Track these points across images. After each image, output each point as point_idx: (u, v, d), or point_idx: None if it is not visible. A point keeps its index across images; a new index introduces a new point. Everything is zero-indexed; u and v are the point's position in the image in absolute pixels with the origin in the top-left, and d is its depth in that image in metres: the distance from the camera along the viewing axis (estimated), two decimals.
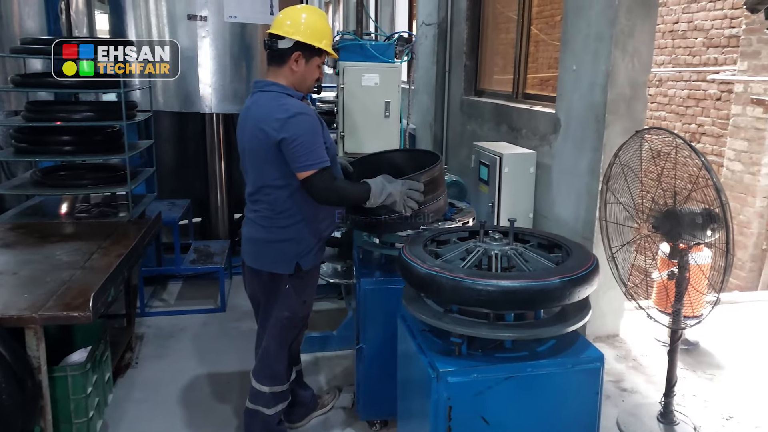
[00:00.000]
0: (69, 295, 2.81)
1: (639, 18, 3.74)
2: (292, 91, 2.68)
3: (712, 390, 3.61)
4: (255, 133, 2.62)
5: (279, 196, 2.69)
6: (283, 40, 2.63)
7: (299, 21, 2.66)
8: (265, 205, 2.73)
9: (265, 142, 2.58)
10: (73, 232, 3.92)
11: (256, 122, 2.62)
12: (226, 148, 5.84)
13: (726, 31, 6.73)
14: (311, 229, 2.78)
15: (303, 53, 2.65)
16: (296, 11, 2.74)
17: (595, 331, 4.17)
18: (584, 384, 2.19)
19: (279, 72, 2.68)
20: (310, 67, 2.70)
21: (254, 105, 2.68)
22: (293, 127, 2.52)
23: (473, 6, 6.47)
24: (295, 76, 2.68)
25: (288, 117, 2.54)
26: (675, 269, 2.99)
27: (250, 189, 2.77)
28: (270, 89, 2.66)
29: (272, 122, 2.55)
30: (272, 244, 2.76)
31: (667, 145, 2.82)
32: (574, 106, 4.18)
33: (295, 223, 2.74)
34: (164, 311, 4.84)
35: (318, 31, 2.67)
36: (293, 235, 2.75)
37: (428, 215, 2.85)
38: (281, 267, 2.78)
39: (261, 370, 2.94)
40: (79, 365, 2.96)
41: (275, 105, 2.60)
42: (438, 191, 2.87)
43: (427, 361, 2.17)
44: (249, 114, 2.70)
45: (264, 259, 2.81)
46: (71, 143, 4.19)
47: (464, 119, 6.51)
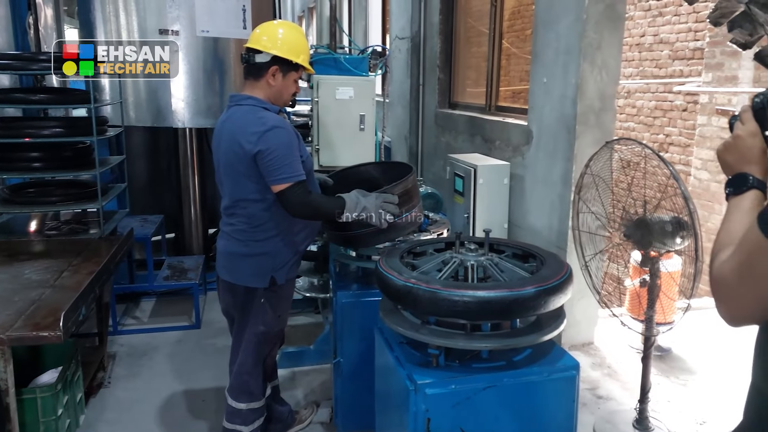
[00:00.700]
0: (38, 314, 2.76)
1: (606, 31, 3.81)
2: (268, 105, 2.69)
3: (686, 395, 3.66)
4: (231, 146, 2.61)
5: (255, 210, 2.68)
6: (261, 54, 2.65)
7: (276, 36, 2.68)
8: (241, 218, 2.72)
9: (242, 155, 2.57)
10: (42, 250, 3.85)
11: (232, 135, 2.62)
12: (199, 162, 5.80)
13: (690, 44, 6.90)
14: (287, 242, 2.77)
15: (280, 67, 2.67)
16: (273, 26, 2.76)
17: (571, 339, 4.20)
18: (561, 392, 2.21)
19: (256, 86, 2.69)
20: (287, 81, 2.72)
21: (230, 118, 2.68)
22: (269, 140, 2.53)
23: (446, 20, 6.55)
24: (272, 90, 2.70)
25: (264, 130, 2.54)
26: (647, 277, 3.04)
27: (226, 202, 2.76)
28: (246, 103, 2.67)
29: (249, 135, 2.55)
30: (248, 257, 2.75)
31: (636, 155, 2.88)
32: (546, 118, 4.24)
33: (272, 237, 2.73)
34: (137, 329, 4.77)
35: (295, 46, 2.69)
36: (269, 249, 2.74)
37: (404, 227, 2.86)
38: (256, 281, 2.75)
39: (237, 386, 2.90)
40: (50, 386, 2.91)
41: (252, 118, 2.60)
42: (413, 202, 2.88)
43: (405, 373, 2.17)
44: (225, 127, 2.70)
45: (239, 273, 2.78)
46: (40, 159, 4.12)
47: (439, 131, 6.56)
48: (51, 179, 4.49)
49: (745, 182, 1.26)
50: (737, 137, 1.29)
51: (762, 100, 1.26)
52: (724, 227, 1.24)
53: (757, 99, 1.27)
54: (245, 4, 5.16)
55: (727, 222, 1.24)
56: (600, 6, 3.76)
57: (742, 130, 1.28)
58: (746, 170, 1.27)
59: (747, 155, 1.27)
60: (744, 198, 1.25)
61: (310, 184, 2.72)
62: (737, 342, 4.39)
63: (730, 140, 1.31)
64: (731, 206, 1.27)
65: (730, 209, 1.27)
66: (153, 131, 6.02)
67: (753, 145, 1.26)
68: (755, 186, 1.25)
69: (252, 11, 5.20)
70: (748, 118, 1.28)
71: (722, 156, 1.33)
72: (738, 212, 1.24)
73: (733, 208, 1.26)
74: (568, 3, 3.93)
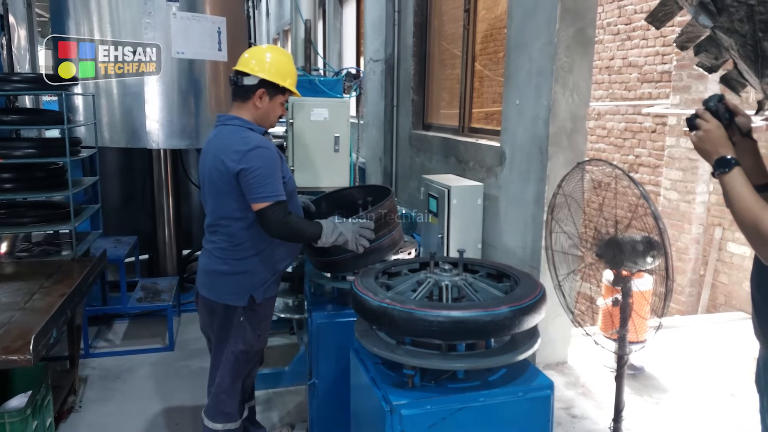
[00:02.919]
0: (8, 337, 2.71)
1: (577, 55, 3.90)
2: (254, 126, 2.74)
3: (659, 413, 3.71)
4: (215, 165, 2.65)
5: (236, 229, 2.71)
6: (249, 77, 2.70)
7: (264, 60, 2.74)
8: (222, 236, 2.75)
9: (225, 174, 2.61)
10: (13, 272, 3.79)
11: (216, 153, 2.66)
12: (174, 183, 5.77)
13: (659, 66, 7.07)
14: (266, 262, 2.79)
15: (267, 90, 2.72)
16: (262, 50, 2.84)
17: (545, 358, 4.23)
18: (535, 412, 2.22)
19: (243, 107, 2.74)
20: (274, 104, 2.77)
21: (216, 137, 2.74)
22: (251, 160, 2.57)
23: (419, 43, 6.64)
24: (259, 112, 2.75)
25: (248, 149, 2.59)
26: (619, 296, 3.07)
27: (209, 220, 2.79)
28: (232, 123, 2.72)
29: (232, 154, 2.59)
30: (227, 276, 2.76)
31: (607, 176, 2.93)
32: (519, 139, 4.31)
33: (251, 255, 2.75)
34: (110, 352, 4.70)
35: (283, 70, 2.75)
36: (248, 268, 2.76)
37: (382, 251, 2.89)
38: (235, 299, 2.76)
39: (214, 407, 2.88)
40: (18, 411, 2.84)
41: (236, 137, 2.65)
42: (390, 226, 2.92)
43: (381, 394, 2.17)
44: (210, 146, 2.75)
45: (219, 291, 2.79)
46: (12, 180, 4.07)
47: (413, 152, 6.61)
48: (23, 200, 4.42)
49: (728, 163, 1.69)
50: (708, 131, 1.75)
51: (712, 104, 1.78)
52: (741, 201, 1.64)
53: (710, 103, 1.79)
54: (220, 26, 5.19)
55: (739, 196, 1.65)
56: (571, 30, 3.86)
57: (708, 125, 1.76)
58: (722, 153, 1.71)
59: (718, 142, 1.74)
60: (734, 175, 1.68)
61: (291, 205, 2.76)
62: (708, 360, 4.46)
63: (701, 133, 1.77)
64: (729, 184, 1.68)
65: (730, 186, 1.68)
66: (127, 152, 5.98)
67: (720, 134, 1.75)
68: (737, 164, 1.69)
69: (227, 33, 5.22)
70: (708, 117, 1.77)
71: (700, 146, 1.78)
72: (739, 186, 1.66)
73: (732, 185, 1.67)
74: (539, 27, 4.01)
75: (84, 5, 4.86)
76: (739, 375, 4.10)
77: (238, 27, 5.52)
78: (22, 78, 4.37)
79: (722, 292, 6.26)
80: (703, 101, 1.83)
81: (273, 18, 17.82)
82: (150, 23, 4.87)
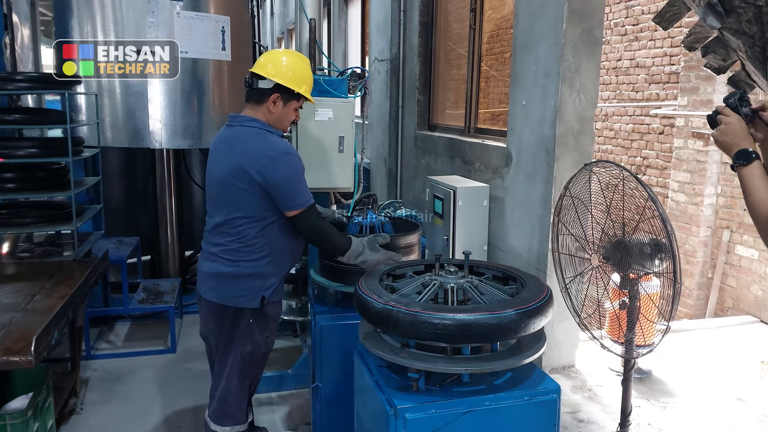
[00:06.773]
0: (9, 339, 2.68)
1: (584, 55, 3.86)
2: (272, 129, 2.73)
3: (666, 418, 3.66)
4: (238, 167, 2.62)
5: (250, 230, 2.68)
6: (264, 80, 2.68)
7: (281, 64, 2.72)
8: (232, 237, 2.71)
9: (248, 177, 2.59)
10: (14, 273, 3.77)
11: (240, 157, 2.63)
12: (176, 184, 5.75)
13: (666, 68, 7.02)
14: (277, 264, 2.78)
15: (282, 95, 2.71)
16: (278, 54, 2.84)
17: (551, 362, 4.19)
18: (541, 416, 2.18)
19: (257, 109, 2.72)
20: (288, 109, 2.76)
21: (236, 139, 2.70)
22: (282, 168, 2.59)
23: (425, 43, 6.60)
24: (272, 116, 2.73)
25: (277, 155, 2.60)
26: (626, 299, 3.04)
27: (218, 220, 2.74)
28: (251, 125, 2.70)
29: (262, 159, 2.59)
30: (237, 278, 2.73)
31: (614, 178, 2.89)
32: (525, 140, 4.27)
33: (263, 257, 2.73)
34: (111, 353, 4.67)
35: (299, 75, 2.74)
36: (260, 270, 2.74)
37: None
38: (246, 301, 2.74)
39: (221, 410, 2.85)
40: (20, 413, 2.82)
41: (261, 141, 2.65)
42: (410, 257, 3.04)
43: (385, 397, 2.13)
44: (231, 146, 2.70)
45: (227, 294, 2.75)
46: (14, 180, 4.05)
47: (418, 153, 6.57)
48: (25, 200, 4.40)
49: (749, 155, 1.73)
50: (729, 123, 1.80)
51: (733, 100, 1.83)
52: (755, 193, 1.69)
53: (730, 100, 1.83)
54: (224, 25, 5.16)
55: (755, 188, 1.70)
56: (577, 30, 3.82)
57: (729, 119, 1.81)
58: (743, 146, 1.75)
59: (739, 134, 1.78)
60: (753, 167, 1.72)
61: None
62: (716, 364, 4.41)
63: (723, 127, 1.82)
64: (747, 176, 1.73)
65: (747, 178, 1.72)
66: (129, 152, 5.96)
67: (741, 127, 1.79)
68: (757, 157, 1.73)
69: (231, 33, 5.20)
70: (728, 111, 1.82)
71: (721, 139, 1.83)
72: (757, 179, 1.70)
73: (749, 177, 1.72)
74: (546, 27, 3.98)
75: (87, 4, 4.84)
76: (746, 379, 4.06)
77: (242, 26, 5.50)
78: (25, 77, 4.35)
79: (730, 295, 6.20)
80: (723, 98, 1.88)
81: (277, 17, 17.86)
82: (153, 22, 4.85)
